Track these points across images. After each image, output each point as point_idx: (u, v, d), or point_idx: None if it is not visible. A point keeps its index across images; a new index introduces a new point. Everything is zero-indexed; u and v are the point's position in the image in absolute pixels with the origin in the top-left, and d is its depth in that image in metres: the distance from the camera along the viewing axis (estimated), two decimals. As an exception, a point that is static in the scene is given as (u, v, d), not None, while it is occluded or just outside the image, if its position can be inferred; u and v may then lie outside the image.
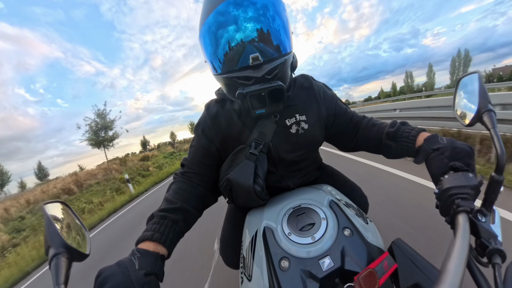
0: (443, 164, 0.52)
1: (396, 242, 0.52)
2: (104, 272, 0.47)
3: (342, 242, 0.52)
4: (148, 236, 0.59)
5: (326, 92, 0.82)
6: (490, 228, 0.39)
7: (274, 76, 0.65)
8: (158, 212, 0.66)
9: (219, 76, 0.68)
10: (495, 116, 0.52)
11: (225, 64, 0.65)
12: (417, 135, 0.64)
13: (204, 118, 0.80)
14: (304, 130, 0.77)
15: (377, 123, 0.78)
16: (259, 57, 0.61)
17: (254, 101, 0.63)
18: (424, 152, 0.58)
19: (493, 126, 0.49)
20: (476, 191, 0.43)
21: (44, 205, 0.46)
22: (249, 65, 0.62)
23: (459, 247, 0.34)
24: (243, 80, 0.64)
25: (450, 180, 0.46)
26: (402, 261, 0.48)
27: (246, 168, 0.72)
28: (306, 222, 0.59)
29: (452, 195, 0.43)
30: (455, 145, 0.54)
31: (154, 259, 0.54)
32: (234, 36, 0.61)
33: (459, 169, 0.49)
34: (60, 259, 0.40)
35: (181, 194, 0.72)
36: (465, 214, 0.40)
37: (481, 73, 0.61)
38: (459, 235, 0.36)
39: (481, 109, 0.53)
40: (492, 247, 0.36)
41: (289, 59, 0.69)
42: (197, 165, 0.78)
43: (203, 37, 0.67)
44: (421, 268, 0.45)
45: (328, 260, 0.50)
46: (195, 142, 0.81)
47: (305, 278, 0.48)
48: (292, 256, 0.53)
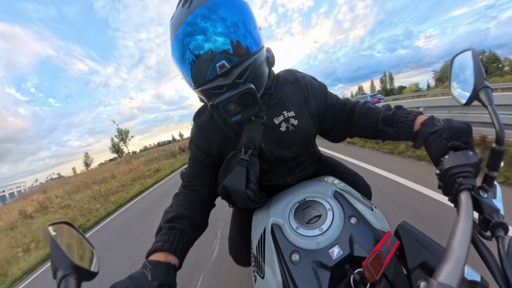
0: (442, 145, 0.52)
1: (402, 225, 0.53)
2: (117, 286, 0.47)
3: (349, 231, 0.53)
4: (158, 247, 0.59)
5: (314, 85, 0.80)
6: (492, 203, 0.39)
7: (246, 78, 0.63)
8: (165, 223, 0.67)
9: (196, 90, 0.69)
10: (492, 92, 0.52)
11: (197, 77, 0.65)
12: (414, 120, 0.64)
13: (194, 132, 0.82)
14: (294, 126, 0.75)
15: (371, 109, 0.77)
16: (225, 64, 0.60)
17: (228, 109, 0.63)
18: (422, 137, 0.58)
19: (490, 103, 0.49)
20: (476, 168, 0.43)
21: (48, 227, 0.45)
22: (218, 74, 0.61)
23: (463, 224, 0.35)
24: (216, 90, 0.64)
25: (450, 160, 0.46)
26: (408, 242, 0.48)
27: (238, 174, 0.73)
28: (313, 215, 0.60)
29: (454, 174, 0.44)
30: (452, 125, 0.53)
31: (166, 269, 0.55)
32: (199, 47, 0.61)
33: (458, 148, 0.49)
34: (69, 280, 0.39)
35: (184, 205, 0.74)
36: (467, 192, 0.40)
37: (475, 50, 0.60)
38: (462, 213, 0.37)
39: (477, 86, 0.53)
40: (495, 221, 0.37)
41: (259, 57, 0.66)
42: (196, 178, 0.80)
43: (173, 53, 0.67)
44: (427, 247, 0.45)
45: (337, 249, 0.51)
46: (190, 155, 0.83)
47: (317, 269, 0.49)
48: (302, 249, 0.54)
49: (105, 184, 13.72)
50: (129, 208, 6.72)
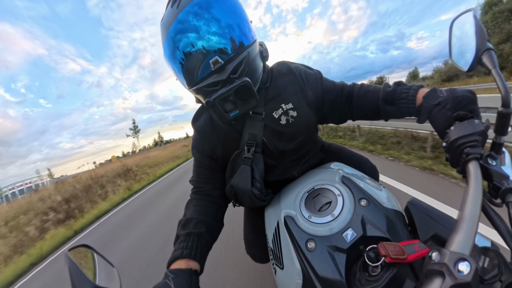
0: (446, 117, 0.50)
1: (411, 201, 0.52)
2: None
3: (360, 213, 0.53)
4: (178, 255, 0.60)
5: (308, 73, 0.78)
6: (501, 170, 0.38)
7: (241, 73, 0.63)
8: (181, 231, 0.68)
9: (191, 90, 0.68)
10: (495, 53, 0.50)
11: (190, 76, 0.64)
12: (416, 94, 0.62)
13: (195, 137, 0.81)
14: (294, 118, 0.74)
15: (369, 89, 0.74)
16: (218, 59, 0.59)
17: (224, 105, 0.62)
18: (425, 110, 0.56)
19: (494, 66, 0.47)
20: (483, 136, 0.42)
21: (68, 252, 0.43)
22: (212, 71, 0.61)
23: (473, 193, 0.35)
24: (211, 87, 0.63)
25: (456, 131, 0.45)
26: (419, 217, 0.48)
27: (243, 173, 0.74)
28: (323, 202, 0.60)
29: (461, 145, 0.43)
30: (455, 94, 0.51)
31: (188, 276, 0.55)
32: (190, 46, 0.60)
33: (463, 118, 0.47)
34: None
35: (198, 210, 0.74)
36: (475, 161, 0.39)
37: (476, 10, 0.57)
38: (471, 182, 0.36)
39: (480, 49, 0.50)
40: (504, 187, 0.36)
41: (252, 51, 0.66)
42: (205, 183, 0.80)
43: (165, 52, 0.66)
44: (438, 220, 0.45)
45: (351, 232, 0.51)
46: (195, 162, 0.83)
47: (333, 253, 0.50)
48: (317, 236, 0.55)
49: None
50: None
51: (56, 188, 12.56)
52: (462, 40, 0.60)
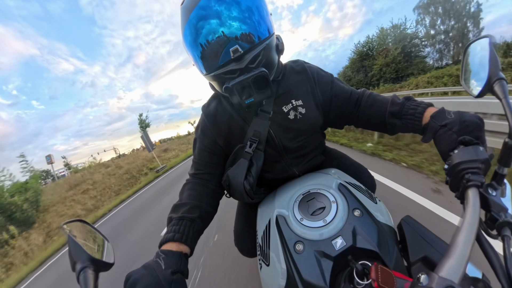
0: (451, 140, 0.50)
1: (405, 219, 0.52)
2: (133, 275, 0.49)
3: (353, 223, 0.53)
4: (169, 238, 0.61)
5: (320, 75, 0.79)
6: (501, 202, 0.38)
7: (258, 63, 0.64)
8: (175, 214, 0.68)
9: (207, 76, 0.69)
10: (507, 84, 0.49)
11: (209, 62, 0.65)
12: (424, 112, 0.61)
13: (203, 120, 0.81)
14: (302, 114, 0.76)
15: (378, 99, 0.74)
16: (238, 48, 0.60)
17: (241, 92, 0.64)
18: (431, 130, 0.56)
19: (505, 96, 0.46)
20: (486, 165, 0.42)
21: (64, 225, 0.48)
22: (231, 59, 0.61)
23: (469, 221, 0.34)
24: (229, 74, 0.64)
25: (460, 155, 0.44)
26: (411, 236, 0.48)
27: (240, 166, 0.76)
28: (317, 207, 0.60)
29: (462, 170, 0.42)
30: (463, 118, 0.51)
31: (178, 258, 0.56)
32: (213, 32, 0.61)
33: (468, 143, 0.47)
34: (87, 271, 0.41)
35: (193, 194, 0.74)
36: (475, 189, 0.39)
37: (493, 37, 0.56)
38: (469, 209, 0.36)
39: (492, 77, 0.50)
40: (502, 219, 0.36)
41: (270, 43, 0.67)
42: (204, 166, 0.80)
43: (185, 38, 0.66)
44: (430, 242, 0.45)
45: (341, 240, 0.51)
46: (198, 143, 0.83)
47: (320, 258, 0.50)
48: (306, 239, 0.54)
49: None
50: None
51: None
52: (475, 66, 0.59)
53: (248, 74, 0.61)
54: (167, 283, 0.49)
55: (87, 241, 0.48)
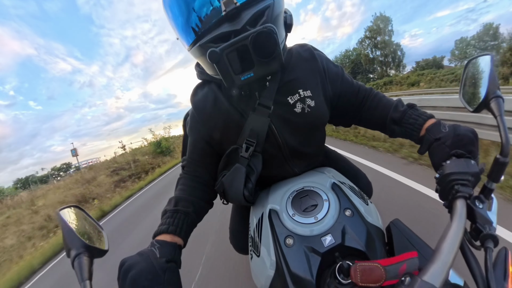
0: (444, 152, 0.51)
1: (394, 222, 0.54)
2: (128, 261, 0.49)
3: (343, 222, 0.55)
4: (164, 229, 0.60)
5: (331, 66, 0.71)
6: (486, 215, 0.40)
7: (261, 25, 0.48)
8: (170, 207, 0.67)
9: (193, 48, 0.54)
10: (503, 102, 0.51)
11: (194, 29, 0.51)
12: (424, 124, 0.61)
13: (191, 113, 0.72)
14: (311, 108, 0.65)
15: (382, 102, 0.71)
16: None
17: (234, 61, 0.48)
18: (426, 142, 0.57)
19: (500, 114, 0.48)
20: (476, 178, 0.43)
21: (59, 211, 0.47)
22: (222, 17, 0.47)
23: (454, 230, 0.36)
24: (220, 41, 0.48)
25: (451, 166, 0.46)
26: (398, 239, 0.50)
27: (237, 173, 0.67)
28: (309, 204, 0.61)
29: (452, 181, 0.44)
30: (457, 132, 0.52)
31: (172, 248, 0.56)
32: None
33: (460, 156, 0.48)
34: (82, 258, 0.41)
35: (186, 190, 0.71)
36: (463, 200, 0.40)
37: (494, 55, 0.57)
38: (455, 219, 0.37)
39: (489, 94, 0.51)
40: (486, 232, 0.37)
41: (278, 5, 0.51)
42: (196, 165, 0.75)
43: (165, 4, 0.54)
44: (416, 246, 0.47)
45: (330, 237, 0.52)
46: (190, 141, 0.76)
47: (308, 253, 0.51)
48: (296, 235, 0.55)
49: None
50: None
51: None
52: (474, 81, 0.60)
53: (246, 33, 0.46)
54: (161, 270, 0.49)
55: (81, 228, 0.48)
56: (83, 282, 0.39)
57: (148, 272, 0.47)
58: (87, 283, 0.39)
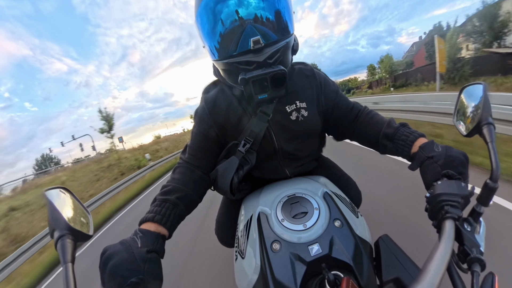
0: (436, 172, 0.51)
1: (383, 238, 0.54)
2: (109, 249, 0.48)
3: (331, 232, 0.54)
4: (149, 218, 0.60)
5: (328, 83, 0.80)
6: (474, 238, 0.40)
7: (276, 60, 0.62)
8: (159, 195, 0.67)
9: (219, 62, 0.65)
10: (494, 129, 0.52)
11: (224, 48, 0.63)
12: (415, 141, 0.63)
13: (202, 105, 0.79)
14: (304, 117, 0.75)
15: (375, 119, 0.75)
16: (260, 40, 0.57)
17: (256, 86, 0.61)
18: (418, 160, 0.58)
19: (492, 140, 0.49)
20: (466, 200, 0.43)
21: (45, 192, 0.46)
22: (250, 49, 0.59)
23: (442, 250, 0.35)
24: (244, 65, 0.61)
25: (442, 187, 0.46)
26: (386, 255, 0.50)
27: (231, 163, 0.75)
28: (299, 211, 0.60)
29: (442, 201, 0.44)
30: (449, 153, 0.53)
31: (155, 238, 0.55)
32: (234, 15, 0.58)
33: (451, 177, 0.49)
34: (65, 240, 0.40)
35: (181, 179, 0.72)
36: (452, 221, 0.40)
37: (487, 85, 0.59)
38: (443, 239, 0.37)
39: (482, 121, 0.52)
40: (473, 255, 0.37)
41: (290, 42, 0.65)
42: (196, 150, 0.78)
43: (200, 18, 0.63)
44: (403, 264, 0.47)
45: (317, 247, 0.51)
46: (195, 128, 0.80)
47: (294, 261, 0.50)
48: (284, 240, 0.54)
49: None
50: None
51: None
52: (468, 107, 0.62)
53: (267, 70, 0.59)
54: (141, 260, 0.48)
55: (67, 210, 0.46)
56: (65, 264, 0.38)
57: (128, 262, 0.46)
58: (69, 265, 0.38)
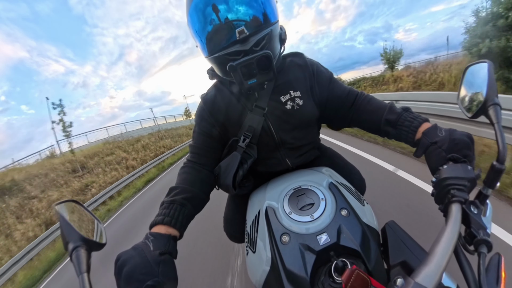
0: (441, 157, 0.50)
1: (390, 224, 0.54)
2: (122, 256, 0.49)
3: (339, 221, 0.54)
4: (159, 220, 0.60)
5: (320, 70, 0.79)
6: (481, 220, 0.39)
7: (262, 47, 0.64)
8: (167, 198, 0.67)
9: (211, 57, 0.68)
10: (501, 110, 0.49)
11: (214, 44, 0.65)
12: (419, 126, 0.61)
13: (201, 105, 0.80)
14: (299, 106, 0.75)
15: (375, 103, 0.73)
16: (244, 30, 0.60)
17: (244, 72, 0.63)
18: (422, 146, 0.56)
19: (498, 121, 0.47)
20: (472, 183, 0.42)
21: (56, 206, 0.47)
22: (236, 40, 0.61)
23: (449, 233, 0.35)
24: (233, 56, 0.64)
25: (448, 171, 0.45)
26: (393, 241, 0.50)
27: (233, 159, 0.77)
28: (306, 202, 0.60)
29: (448, 185, 0.43)
30: (453, 136, 0.52)
31: (166, 240, 0.56)
32: (219, 12, 0.60)
33: (457, 161, 0.48)
34: (80, 251, 0.41)
35: (187, 179, 0.73)
36: (458, 204, 0.40)
37: (492, 63, 0.56)
38: (450, 223, 0.37)
39: (488, 101, 0.50)
40: (480, 237, 0.37)
41: (275, 29, 0.67)
42: (200, 149, 0.79)
43: (191, 19, 0.66)
44: (410, 248, 0.47)
45: (325, 236, 0.52)
46: (196, 128, 0.81)
47: (304, 251, 0.51)
48: (292, 232, 0.55)
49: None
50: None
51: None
52: (472, 87, 0.59)
53: (252, 55, 0.61)
54: (155, 263, 0.49)
55: (79, 222, 0.47)
56: (81, 275, 0.38)
57: (142, 266, 0.47)
58: (85, 275, 0.38)
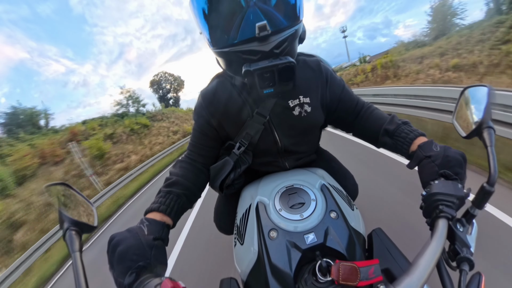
0: (433, 171, 0.50)
1: (376, 231, 0.54)
2: (116, 236, 0.48)
3: (327, 223, 0.53)
4: (155, 208, 0.60)
5: (334, 77, 0.73)
6: (466, 238, 0.39)
7: (283, 50, 0.54)
8: (164, 187, 0.66)
9: (221, 51, 0.56)
10: (494, 133, 0.50)
11: (224, 34, 0.53)
12: (414, 139, 0.60)
13: (199, 101, 0.74)
14: (307, 113, 0.70)
15: (377, 114, 0.71)
16: (267, 26, 0.48)
17: (261, 79, 0.53)
18: (416, 158, 0.56)
19: (491, 144, 0.47)
20: (461, 201, 0.43)
21: (47, 187, 0.47)
22: (254, 37, 0.50)
23: (433, 247, 0.35)
24: (247, 55, 0.53)
25: (438, 186, 0.45)
26: (378, 248, 0.50)
27: (224, 165, 0.74)
28: (297, 201, 0.59)
29: (438, 201, 0.43)
30: (447, 153, 0.51)
31: (160, 227, 0.55)
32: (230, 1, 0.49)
33: (448, 177, 0.48)
34: (72, 232, 0.42)
35: (183, 174, 0.71)
36: (445, 220, 0.40)
37: (492, 88, 0.56)
38: (435, 237, 0.37)
39: (483, 124, 0.50)
40: (463, 254, 0.37)
41: (299, 29, 0.57)
42: (196, 146, 0.76)
43: (196, 5, 0.54)
44: (394, 257, 0.47)
45: (312, 236, 0.51)
46: (194, 125, 0.77)
47: (290, 248, 0.50)
48: (281, 229, 0.54)
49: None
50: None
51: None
52: (469, 109, 0.59)
53: (275, 61, 0.51)
54: (148, 247, 0.48)
55: (71, 204, 0.47)
56: (73, 253, 0.39)
57: (136, 247, 0.46)
58: (77, 254, 0.39)
